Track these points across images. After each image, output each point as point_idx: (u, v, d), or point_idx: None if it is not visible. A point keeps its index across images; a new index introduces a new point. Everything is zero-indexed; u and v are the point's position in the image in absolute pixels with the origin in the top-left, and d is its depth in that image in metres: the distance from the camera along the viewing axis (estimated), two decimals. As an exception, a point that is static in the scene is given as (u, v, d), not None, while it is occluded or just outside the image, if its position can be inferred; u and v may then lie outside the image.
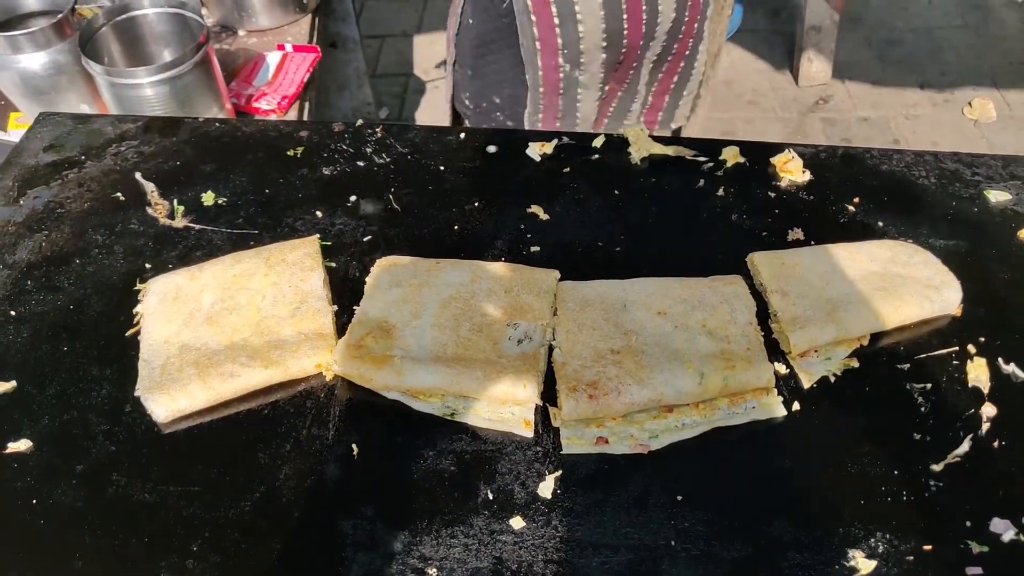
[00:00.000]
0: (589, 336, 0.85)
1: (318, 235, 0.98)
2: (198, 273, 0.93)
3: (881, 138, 3.53)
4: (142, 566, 0.73)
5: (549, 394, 0.84)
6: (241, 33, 2.20)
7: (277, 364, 0.85)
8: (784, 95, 3.69)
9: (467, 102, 1.49)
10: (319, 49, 2.22)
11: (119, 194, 1.05)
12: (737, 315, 0.87)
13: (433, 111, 3.56)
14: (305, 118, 1.90)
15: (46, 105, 1.74)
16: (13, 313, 0.92)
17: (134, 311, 0.91)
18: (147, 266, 0.97)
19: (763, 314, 0.91)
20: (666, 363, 0.82)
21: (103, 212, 1.03)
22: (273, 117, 1.94)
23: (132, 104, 1.70)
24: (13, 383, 0.86)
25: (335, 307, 0.91)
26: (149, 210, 1.03)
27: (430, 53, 3.66)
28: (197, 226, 1.01)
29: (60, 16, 1.75)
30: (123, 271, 0.97)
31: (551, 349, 0.87)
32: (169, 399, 0.82)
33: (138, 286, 0.94)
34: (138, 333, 0.89)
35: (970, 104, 3.72)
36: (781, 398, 0.84)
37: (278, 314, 0.89)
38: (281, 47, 2.17)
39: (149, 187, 1.05)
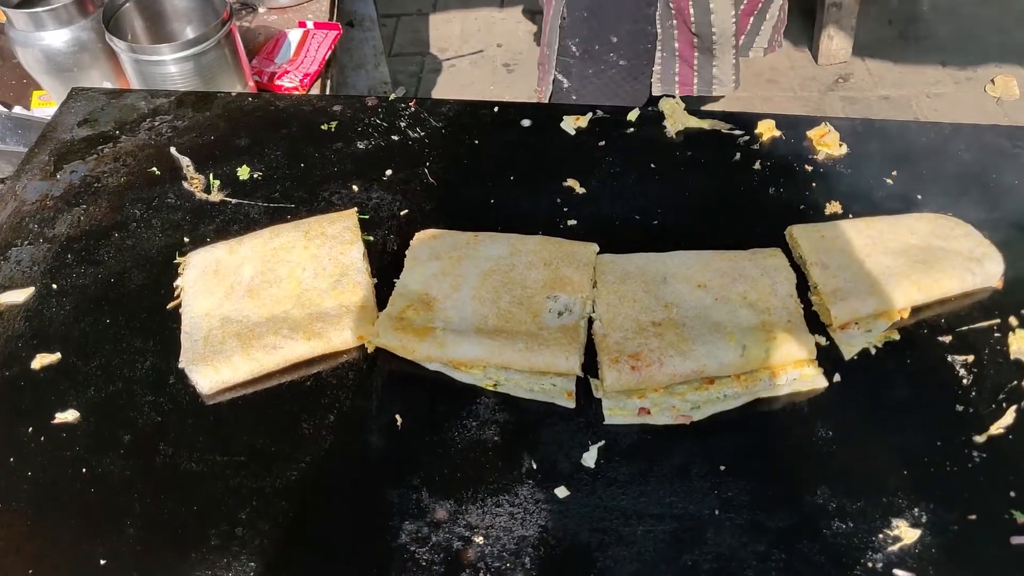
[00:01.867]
0: (630, 308, 0.85)
1: (356, 208, 0.98)
2: (237, 246, 0.93)
3: (902, 117, 3.49)
4: (192, 533, 0.74)
5: (590, 366, 0.84)
6: (261, 11, 2.20)
7: (319, 336, 0.85)
8: (803, 73, 3.66)
9: (574, 48, 1.46)
10: (340, 26, 2.21)
11: (155, 168, 1.05)
12: (778, 287, 0.87)
13: (449, 90, 3.54)
14: (326, 94, 1.89)
15: (69, 82, 1.74)
16: (55, 286, 0.93)
17: (174, 284, 0.92)
18: (185, 240, 0.97)
19: (802, 287, 0.90)
20: (707, 335, 0.82)
21: (140, 186, 1.03)
22: (296, 94, 1.93)
23: (156, 81, 1.70)
24: (58, 355, 0.87)
25: (375, 280, 0.92)
26: (185, 184, 1.03)
27: (445, 32, 3.64)
28: (233, 200, 1.02)
29: (82, -8, 1.75)
30: (162, 244, 0.97)
31: (591, 321, 0.87)
32: (213, 371, 0.83)
33: (177, 259, 0.94)
34: (179, 306, 0.90)
35: (993, 82, 3.68)
36: (822, 370, 0.84)
37: (319, 287, 0.89)
38: (303, 24, 2.16)
39: (184, 161, 1.06)
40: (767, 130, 1.07)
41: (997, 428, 0.80)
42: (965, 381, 0.84)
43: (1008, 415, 0.81)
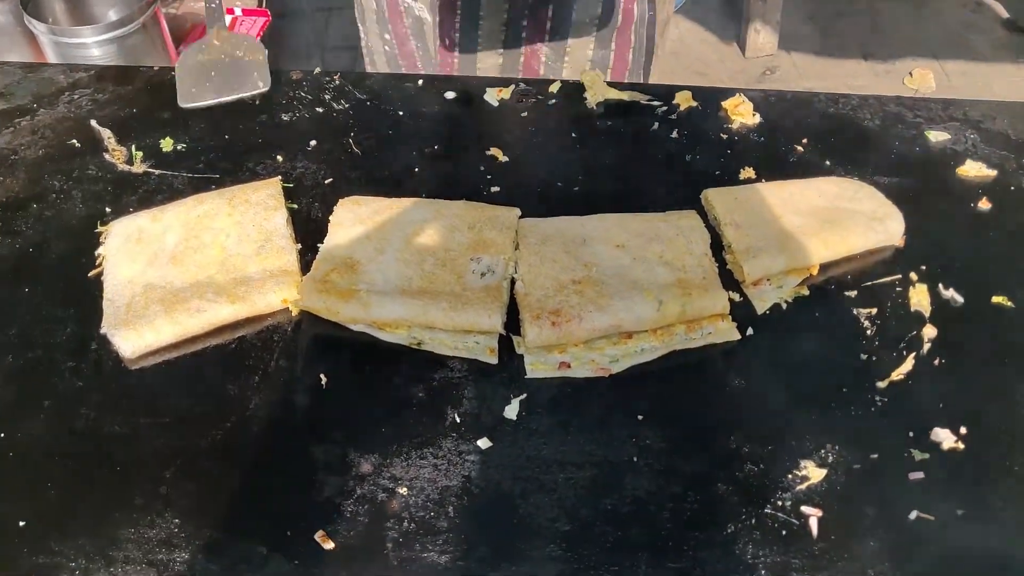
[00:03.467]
0: (550, 268, 0.88)
1: (280, 176, 0.98)
2: (160, 215, 0.92)
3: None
4: (115, 494, 0.74)
5: (512, 325, 0.86)
6: (189, -3, 2.17)
7: (243, 299, 0.85)
8: (731, 66, 3.75)
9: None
10: (268, 13, 2.20)
11: (75, 141, 1.04)
12: (693, 246, 0.90)
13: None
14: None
15: (-12, 66, 1.69)
16: (-31, 258, 0.91)
17: (96, 253, 0.91)
18: (107, 210, 0.96)
19: (717, 247, 0.94)
20: (625, 291, 0.85)
21: (59, 159, 1.02)
22: None
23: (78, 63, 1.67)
24: (-28, 324, 0.85)
25: (299, 245, 0.92)
26: (107, 156, 1.02)
27: None
28: (157, 171, 1.01)
29: (0, -26, 1.70)
30: (83, 215, 0.96)
31: (513, 282, 0.89)
32: (136, 335, 0.82)
33: (99, 228, 0.93)
34: (101, 274, 0.89)
35: (911, 74, 3.83)
36: (735, 324, 0.87)
37: (243, 252, 0.89)
38: (230, 11, 2.14)
39: (105, 133, 1.04)
40: (684, 101, 1.11)
41: (898, 374, 0.84)
42: (869, 332, 0.88)
43: (908, 362, 0.85)
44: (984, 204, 1.00)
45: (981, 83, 3.79)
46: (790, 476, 0.77)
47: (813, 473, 0.77)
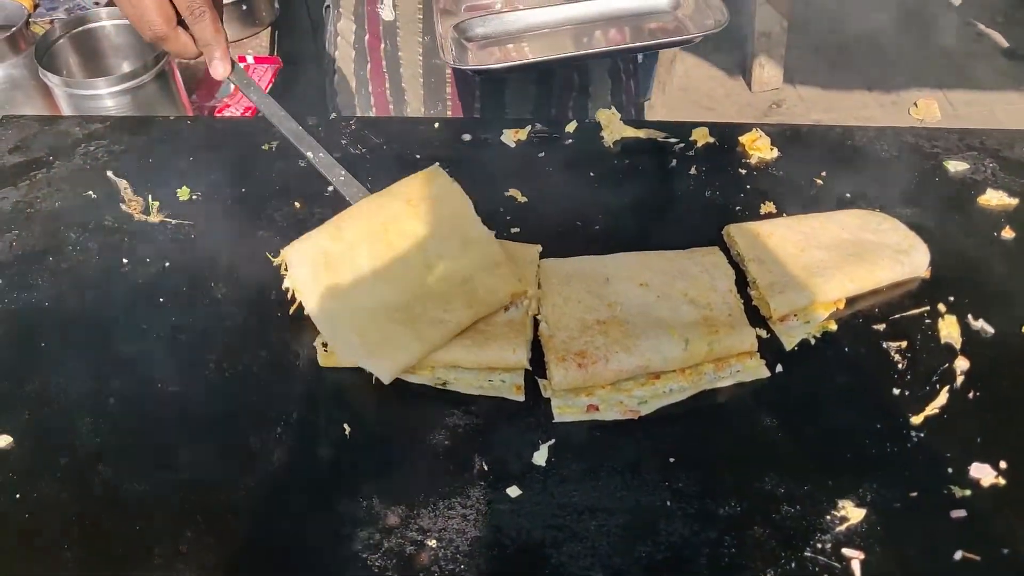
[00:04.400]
0: (574, 308, 0.86)
1: (437, 163, 0.97)
2: (338, 232, 0.90)
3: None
4: (134, 553, 0.72)
5: (537, 368, 0.85)
6: (200, 47, 2.19)
7: (476, 300, 0.85)
8: (738, 100, 3.78)
9: None
10: (280, 60, 2.22)
11: (91, 192, 1.04)
12: (717, 283, 0.89)
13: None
14: (270, 127, 1.89)
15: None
16: (-14, 312, 0.90)
17: (283, 287, 0.89)
18: (124, 261, 0.96)
19: (741, 283, 0.93)
20: (651, 331, 0.84)
21: (75, 211, 1.02)
22: (235, 118, 1.92)
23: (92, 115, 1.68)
24: (-11, 381, 0.84)
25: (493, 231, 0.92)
26: (123, 207, 1.02)
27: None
28: (173, 221, 1.00)
29: (14, 30, 1.72)
30: (100, 267, 0.95)
31: (536, 322, 0.87)
32: (391, 362, 0.81)
33: (275, 260, 0.91)
34: (301, 308, 0.87)
35: (915, 104, 3.85)
36: (764, 360, 0.86)
37: (448, 252, 0.88)
38: (242, 59, 2.16)
39: (122, 184, 1.04)
40: (701, 137, 1.11)
41: (932, 409, 0.82)
42: (900, 366, 0.86)
43: (942, 396, 0.83)
44: (1008, 233, 0.99)
45: (985, 111, 3.81)
46: (828, 517, 0.75)
47: (852, 513, 0.75)
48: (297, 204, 1.02)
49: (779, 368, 0.86)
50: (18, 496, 0.75)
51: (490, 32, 1.18)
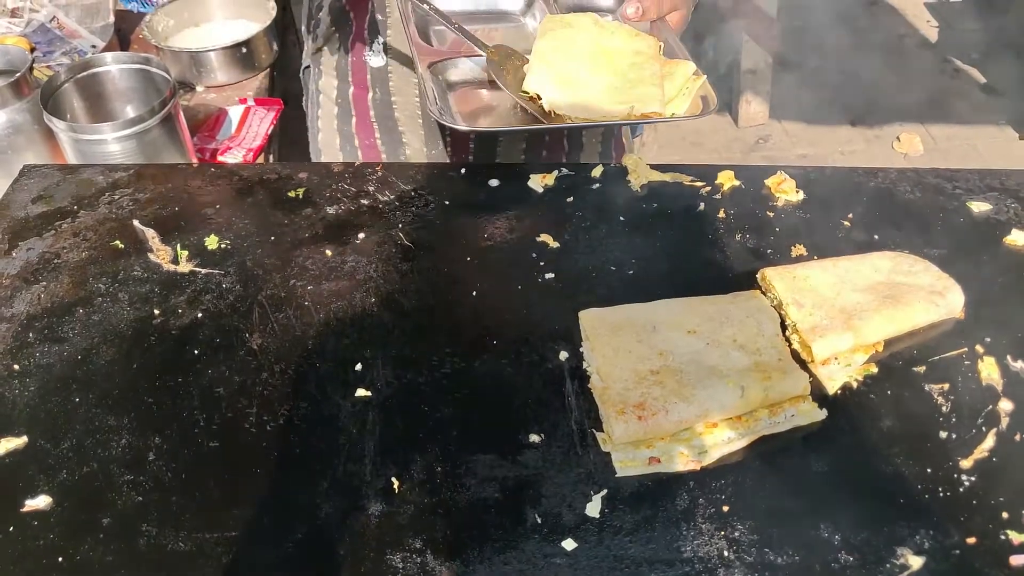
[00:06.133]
0: (625, 359, 0.86)
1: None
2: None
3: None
4: (185, 617, 0.69)
5: (593, 420, 0.84)
6: (199, 89, 2.19)
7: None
8: (726, 135, 3.83)
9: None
10: (281, 101, 2.22)
11: (118, 242, 1.02)
12: (763, 327, 0.89)
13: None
14: (276, 169, 1.88)
15: (3, 165, 1.69)
16: (16, 367, 0.88)
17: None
18: (155, 312, 0.94)
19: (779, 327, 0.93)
20: (706, 379, 0.83)
21: (103, 261, 1.00)
22: (260, 164, 1.92)
23: (97, 161, 1.67)
24: (24, 438, 0.82)
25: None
26: (151, 256, 1.00)
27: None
28: (203, 270, 0.99)
29: (18, 75, 1.71)
30: (130, 318, 0.93)
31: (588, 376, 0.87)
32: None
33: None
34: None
35: (898, 139, 3.92)
36: (817, 404, 0.85)
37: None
38: (243, 101, 2.16)
39: (149, 233, 1.03)
40: (727, 180, 1.11)
41: (981, 452, 0.82)
42: (944, 408, 0.86)
43: (989, 438, 0.83)
44: (1038, 273, 1.00)
45: (966, 145, 3.89)
46: (888, 565, 0.74)
47: (911, 561, 0.74)
48: (328, 252, 1.01)
49: (824, 412, 0.86)
50: (60, 559, 0.73)
51: (467, 76, 1.18)
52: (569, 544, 0.75)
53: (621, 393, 0.82)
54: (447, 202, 1.08)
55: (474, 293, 0.97)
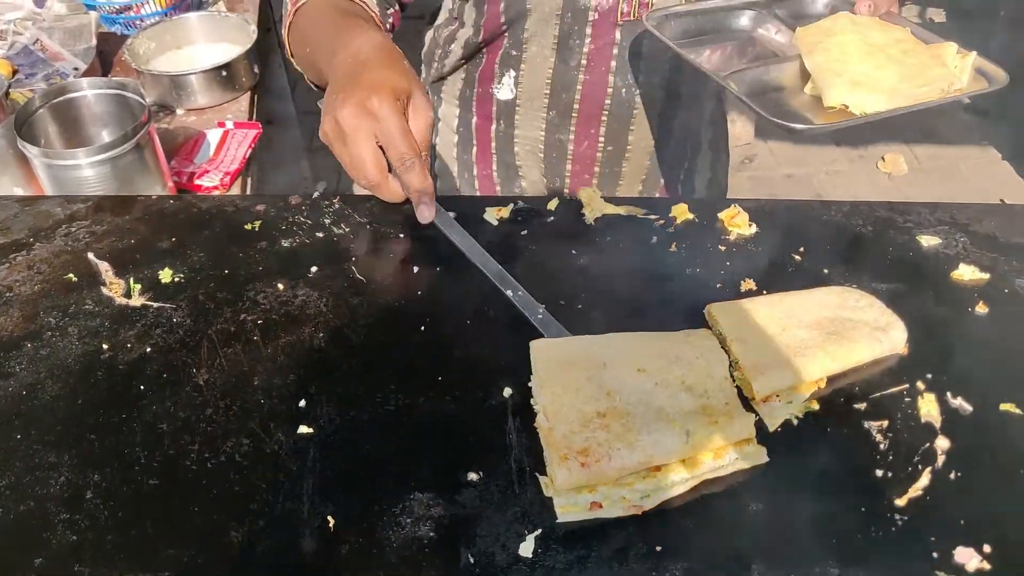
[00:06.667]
0: (573, 398, 0.86)
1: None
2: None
3: (805, 193, 3.70)
4: (113, 659, 0.70)
5: (536, 463, 0.85)
6: (179, 112, 2.21)
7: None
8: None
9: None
10: (260, 125, 2.24)
11: (71, 275, 1.03)
12: (713, 369, 0.90)
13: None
14: (248, 193, 1.90)
15: (-23, 191, 1.70)
16: (-39, 402, 0.89)
17: None
18: (104, 347, 0.95)
19: (724, 363, 0.94)
20: (652, 423, 0.84)
21: (55, 294, 1.01)
22: (216, 194, 1.93)
23: (71, 186, 1.68)
24: (-36, 476, 0.82)
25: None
26: (104, 290, 1.01)
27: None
28: (155, 304, 1.00)
29: (-6, 100, 1.73)
30: (78, 353, 0.94)
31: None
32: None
33: None
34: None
35: (883, 159, 3.95)
36: (764, 447, 0.86)
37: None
38: (222, 124, 2.18)
39: (103, 266, 1.04)
40: (681, 213, 1.12)
41: (915, 490, 0.83)
42: (882, 446, 0.87)
43: (924, 477, 0.84)
44: (981, 308, 1.01)
45: (950, 165, 3.92)
46: (817, 606, 0.74)
47: (841, 603, 0.75)
48: (280, 286, 1.02)
49: (765, 456, 0.86)
50: (-9, 600, 0.73)
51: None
52: (501, 585, 0.75)
53: (566, 436, 0.82)
54: (402, 235, 1.09)
55: (423, 328, 0.97)
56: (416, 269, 1.04)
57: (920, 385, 0.93)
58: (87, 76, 2.15)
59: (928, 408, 0.91)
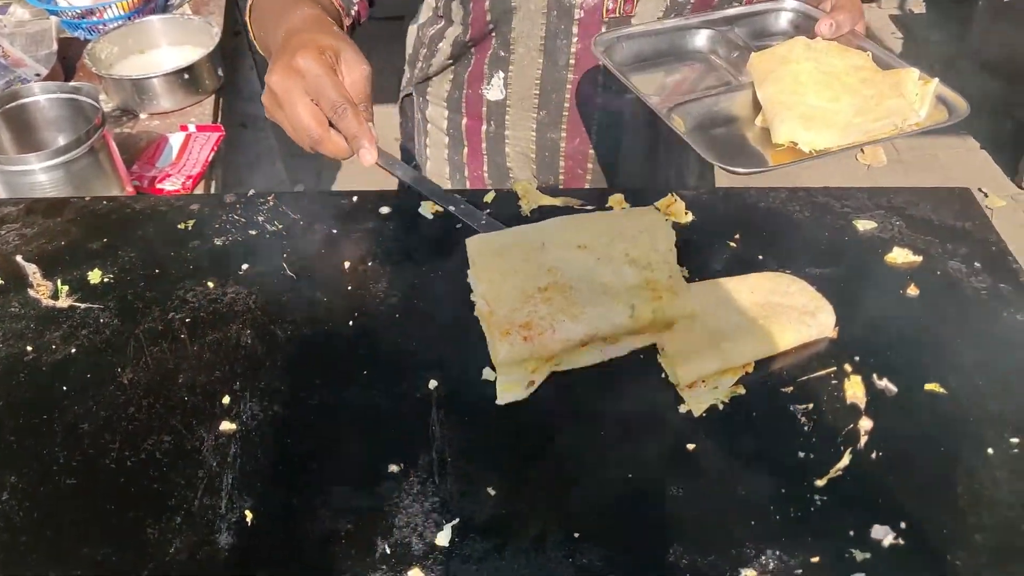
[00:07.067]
0: (512, 280, 0.85)
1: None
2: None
3: (782, 184, 3.69)
4: (20, 659, 0.69)
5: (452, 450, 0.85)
6: (143, 116, 2.20)
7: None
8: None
9: None
10: (223, 128, 2.23)
11: (-1, 278, 1.03)
12: (657, 243, 0.89)
13: (349, 182, 3.57)
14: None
15: (-68, 199, 1.69)
16: None
17: None
18: (28, 348, 0.94)
19: (654, 350, 0.93)
20: (596, 297, 0.83)
21: (-17, 298, 1.01)
22: (153, 196, 1.92)
23: (25, 191, 1.68)
24: None
25: None
26: (31, 292, 1.01)
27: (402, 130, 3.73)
28: (82, 305, 1.00)
29: (-53, 107, 1.72)
30: (3, 356, 0.94)
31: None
32: None
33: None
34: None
35: (862, 151, 3.95)
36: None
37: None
38: (184, 128, 2.17)
39: (31, 268, 1.03)
40: (617, 204, 1.12)
41: (836, 471, 0.83)
42: (806, 429, 0.87)
43: (845, 457, 0.84)
44: (912, 290, 1.01)
45: (929, 155, 3.92)
46: (732, 588, 0.74)
47: (755, 584, 0.75)
48: (210, 284, 1.02)
49: (688, 438, 0.86)
50: (-100, 603, 0.73)
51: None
52: (415, 574, 0.75)
53: (507, 315, 0.81)
54: (335, 230, 1.09)
55: (350, 323, 0.97)
56: (347, 264, 1.04)
57: (847, 368, 0.93)
58: (47, 81, 2.14)
59: (854, 390, 0.91)
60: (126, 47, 2.32)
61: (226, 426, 0.87)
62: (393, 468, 0.83)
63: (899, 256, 1.06)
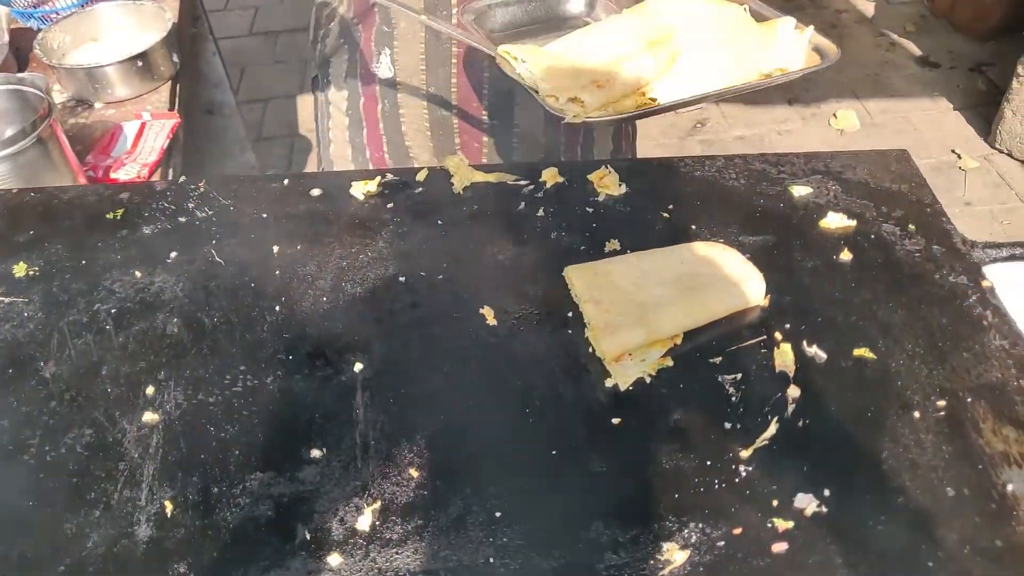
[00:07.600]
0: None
1: None
2: None
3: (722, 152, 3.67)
4: (-68, 658, 0.69)
5: (377, 432, 0.84)
6: (98, 106, 2.17)
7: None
8: (663, 121, 3.83)
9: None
10: (179, 115, 2.20)
11: (-77, 275, 1.01)
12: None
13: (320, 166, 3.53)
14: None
15: None
16: None
17: None
18: (-49, 346, 0.93)
19: (582, 324, 0.93)
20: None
21: (-95, 295, 0.99)
22: (81, 186, 1.90)
23: (-30, 185, 1.65)
24: None
25: None
26: (-44, 288, 1.00)
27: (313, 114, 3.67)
28: (7, 299, 0.98)
29: None
30: (-76, 354, 0.93)
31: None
32: None
33: None
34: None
35: (835, 116, 3.93)
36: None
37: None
38: (139, 116, 2.14)
39: (-45, 265, 1.02)
40: (551, 178, 1.11)
41: (761, 441, 0.83)
42: (734, 399, 0.87)
43: (771, 427, 0.84)
44: (845, 255, 1.00)
45: (901, 118, 3.90)
46: (652, 562, 0.74)
47: (675, 556, 0.74)
48: (138, 273, 1.01)
49: (614, 412, 0.85)
50: None
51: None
52: (335, 559, 0.75)
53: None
54: (264, 215, 1.08)
55: (277, 308, 0.96)
56: (276, 249, 1.03)
57: (778, 336, 0.92)
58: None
59: (783, 358, 0.90)
60: (79, 35, 2.28)
61: (149, 416, 0.86)
62: (316, 453, 0.83)
63: (833, 221, 1.05)
